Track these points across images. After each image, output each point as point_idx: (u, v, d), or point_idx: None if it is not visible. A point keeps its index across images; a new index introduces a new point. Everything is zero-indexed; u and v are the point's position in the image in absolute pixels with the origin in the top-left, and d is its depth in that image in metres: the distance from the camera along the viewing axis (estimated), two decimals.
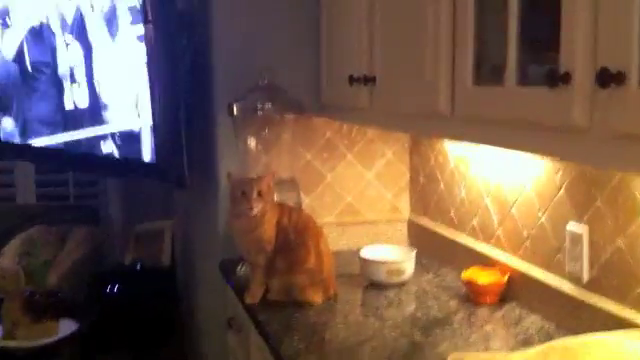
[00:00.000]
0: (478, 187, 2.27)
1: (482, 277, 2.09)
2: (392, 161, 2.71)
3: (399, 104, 1.90)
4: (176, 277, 3.64)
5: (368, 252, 2.31)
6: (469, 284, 2.10)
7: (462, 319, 1.96)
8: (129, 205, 4.15)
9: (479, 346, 1.77)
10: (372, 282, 2.26)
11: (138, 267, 3.72)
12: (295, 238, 2.09)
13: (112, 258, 3.98)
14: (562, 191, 1.85)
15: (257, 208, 2.04)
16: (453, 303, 2.09)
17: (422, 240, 2.61)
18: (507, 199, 2.11)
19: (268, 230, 2.08)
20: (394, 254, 2.33)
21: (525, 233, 2.02)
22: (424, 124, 1.80)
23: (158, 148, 2.68)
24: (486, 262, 2.18)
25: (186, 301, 3.44)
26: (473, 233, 2.31)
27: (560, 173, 1.86)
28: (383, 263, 2.24)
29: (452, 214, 2.44)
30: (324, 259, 2.11)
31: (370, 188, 2.70)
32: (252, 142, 2.46)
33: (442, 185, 2.50)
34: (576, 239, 1.79)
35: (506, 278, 2.07)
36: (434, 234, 2.54)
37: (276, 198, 2.18)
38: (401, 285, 2.25)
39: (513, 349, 1.73)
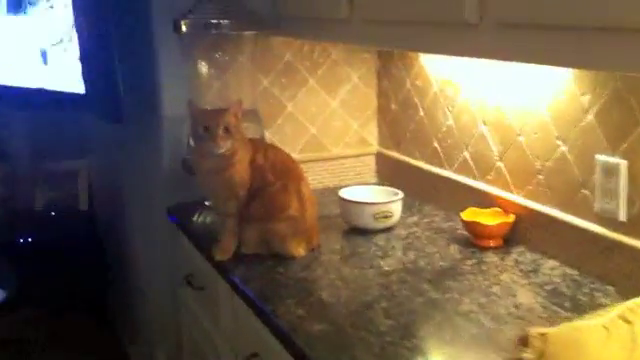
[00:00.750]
0: (471, 112, 1.98)
1: (486, 218, 1.84)
2: (358, 86, 2.38)
3: (396, 12, 1.53)
4: (97, 224, 3.23)
5: (348, 193, 2.00)
6: (472, 226, 1.83)
7: (472, 267, 1.71)
8: (38, 140, 3.61)
9: (506, 301, 1.51)
10: (354, 227, 1.96)
11: (52, 213, 3.29)
12: (273, 180, 1.75)
13: (19, 202, 3.49)
14: (591, 116, 1.58)
15: (224, 147, 1.69)
16: (454, 248, 1.83)
17: (396, 176, 2.32)
18: (512, 126, 1.83)
19: (240, 171, 1.73)
20: (378, 195, 2.03)
21: (538, 165, 1.76)
22: (435, 37, 1.44)
23: (87, 77, 2.23)
24: (480, 200, 1.92)
25: (119, 253, 3.04)
26: (464, 167, 2.04)
27: (588, 96, 1.58)
28: (370, 206, 1.94)
29: (435, 145, 2.15)
30: (307, 205, 1.79)
31: (335, 117, 2.37)
32: (203, 65, 2.08)
33: (421, 112, 2.19)
34: (611, 171, 1.54)
35: (512, 218, 1.82)
36: (411, 169, 2.26)
37: None
38: (387, 230, 1.96)
39: (545, 302, 1.50)
